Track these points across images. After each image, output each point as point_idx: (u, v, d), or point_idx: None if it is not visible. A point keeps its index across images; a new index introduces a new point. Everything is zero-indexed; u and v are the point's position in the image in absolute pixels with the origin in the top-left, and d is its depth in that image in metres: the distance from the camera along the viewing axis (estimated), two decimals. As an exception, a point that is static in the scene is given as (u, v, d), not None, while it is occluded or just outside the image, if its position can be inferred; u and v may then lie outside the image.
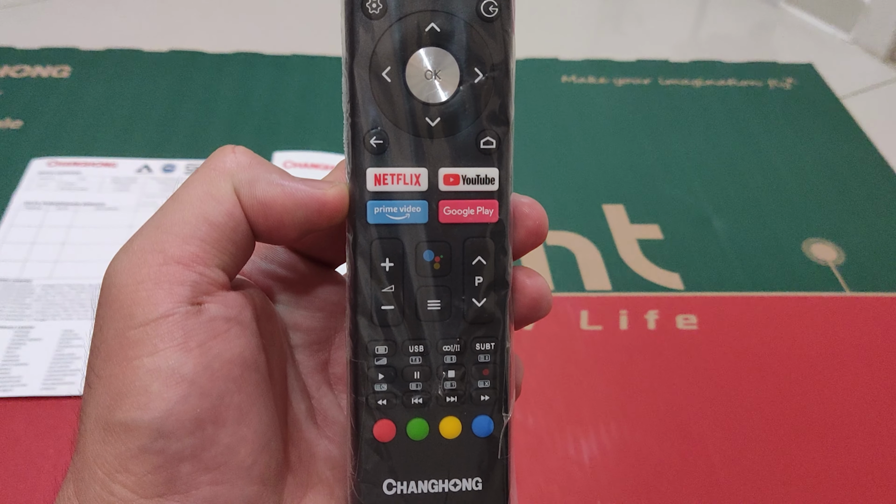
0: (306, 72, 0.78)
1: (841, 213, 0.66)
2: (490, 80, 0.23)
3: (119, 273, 0.22)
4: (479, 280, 0.24)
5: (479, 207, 0.24)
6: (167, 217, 0.22)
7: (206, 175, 0.23)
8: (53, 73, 0.74)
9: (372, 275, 0.23)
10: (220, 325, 0.21)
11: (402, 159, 0.23)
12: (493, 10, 0.23)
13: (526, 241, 0.25)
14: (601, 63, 0.83)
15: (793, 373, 0.53)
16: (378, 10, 0.22)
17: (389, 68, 0.23)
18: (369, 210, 0.23)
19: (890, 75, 1.03)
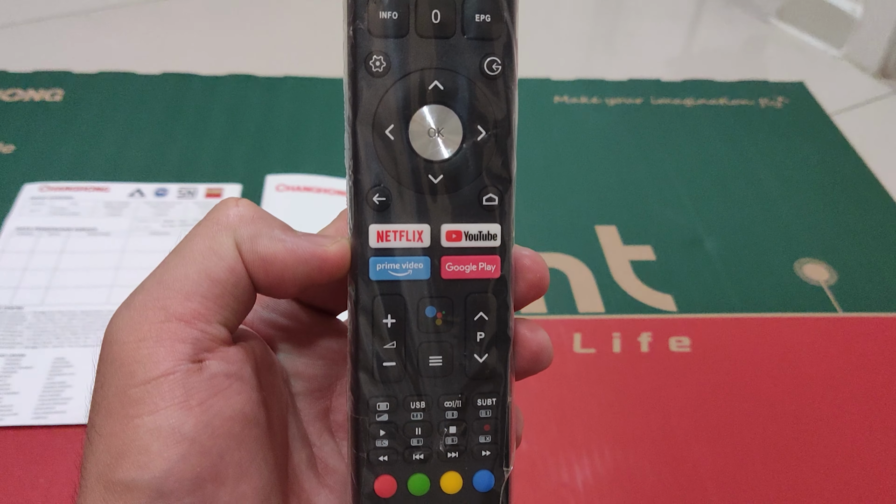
0: (299, 93, 0.78)
1: (833, 233, 0.66)
2: (492, 137, 0.23)
3: (120, 330, 0.21)
4: (480, 336, 0.24)
5: (482, 263, 0.24)
6: (169, 272, 0.22)
7: (209, 229, 0.23)
8: (46, 97, 0.74)
9: (374, 331, 0.23)
10: (220, 381, 0.22)
11: (405, 216, 0.23)
12: (496, 68, 0.23)
13: (527, 294, 0.25)
14: (593, 83, 0.83)
15: (786, 395, 0.53)
16: (381, 68, 0.22)
17: (392, 126, 0.23)
18: (371, 266, 0.23)
19: (881, 91, 1.04)
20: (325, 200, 0.64)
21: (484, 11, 0.22)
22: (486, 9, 0.22)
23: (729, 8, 1.21)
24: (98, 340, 0.52)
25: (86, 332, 0.53)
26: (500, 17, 0.23)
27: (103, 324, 0.53)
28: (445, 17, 0.22)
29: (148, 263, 0.57)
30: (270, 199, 0.64)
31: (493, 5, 0.23)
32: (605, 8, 1.22)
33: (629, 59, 1.05)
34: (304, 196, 0.64)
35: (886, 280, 0.62)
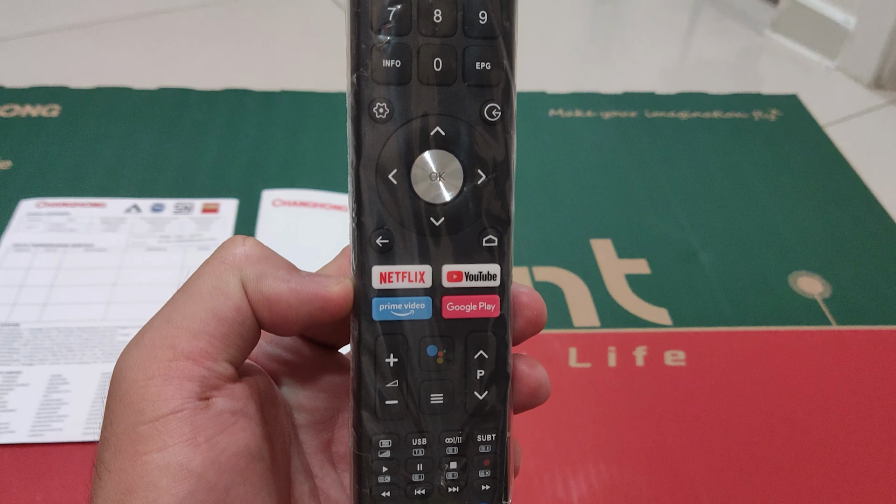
0: (295, 108, 0.78)
1: (827, 246, 0.67)
2: (492, 180, 0.24)
3: (130, 368, 0.22)
4: (480, 374, 0.25)
5: (482, 303, 0.24)
6: (177, 311, 0.23)
7: (216, 268, 0.23)
8: (43, 113, 0.74)
9: (376, 370, 0.24)
10: (226, 418, 0.22)
11: (407, 257, 0.24)
12: (496, 114, 0.23)
13: (525, 330, 0.25)
14: (588, 96, 0.83)
15: (781, 408, 0.53)
16: (385, 114, 0.23)
17: (395, 171, 0.23)
18: (374, 307, 0.24)
19: (875, 102, 1.05)
20: (321, 215, 0.64)
21: (484, 59, 0.23)
22: (487, 57, 0.23)
23: (723, 19, 1.22)
24: (94, 357, 0.52)
25: (82, 349, 0.53)
26: (500, 64, 0.23)
27: (100, 340, 0.54)
28: (447, 64, 0.23)
29: (144, 280, 0.58)
30: (267, 214, 0.64)
31: (492, 53, 0.23)
32: (600, 20, 1.22)
33: (624, 70, 1.06)
34: (300, 211, 0.64)
35: (880, 293, 0.62)
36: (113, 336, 0.54)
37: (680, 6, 1.25)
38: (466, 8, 0.23)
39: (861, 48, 1.08)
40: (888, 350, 0.58)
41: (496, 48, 0.23)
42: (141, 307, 0.56)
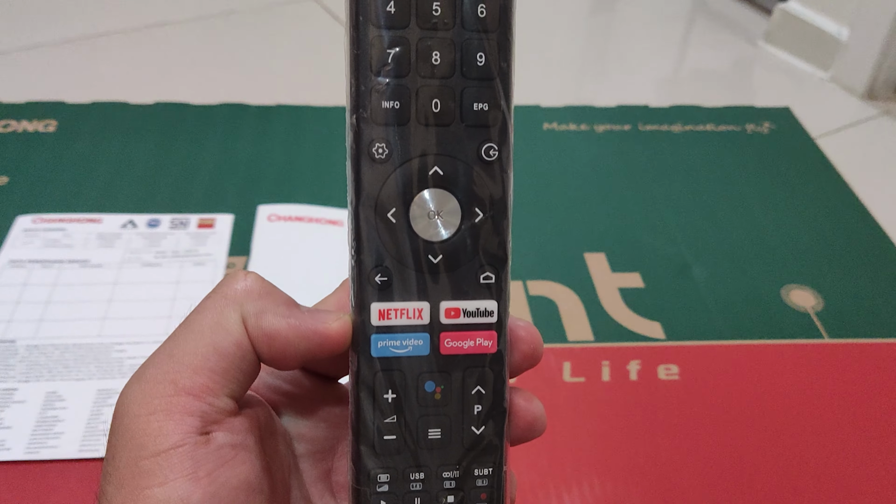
0: (291, 122, 0.79)
1: (819, 259, 0.67)
2: (489, 218, 0.24)
3: (132, 403, 0.22)
4: (478, 409, 0.25)
5: (479, 339, 0.25)
6: (179, 347, 0.23)
7: (217, 303, 0.24)
8: (40, 128, 0.75)
9: (375, 405, 0.24)
10: (226, 452, 0.23)
11: (406, 294, 0.24)
12: (493, 154, 0.24)
13: (521, 364, 0.26)
14: (582, 109, 0.84)
15: (774, 422, 0.54)
16: (384, 154, 0.23)
17: (394, 210, 0.24)
18: (373, 344, 0.24)
19: (868, 112, 1.05)
20: (316, 230, 0.65)
21: (482, 100, 0.23)
22: (484, 97, 0.23)
23: (717, 30, 1.22)
24: (89, 374, 0.53)
25: (77, 366, 0.53)
26: (497, 104, 0.24)
27: (95, 357, 0.54)
28: (445, 105, 0.23)
29: (140, 296, 0.58)
30: (262, 229, 0.64)
31: (490, 94, 0.23)
32: (594, 31, 1.23)
33: (619, 81, 1.06)
34: (295, 226, 0.65)
35: (872, 306, 0.63)
36: (108, 353, 0.54)
37: (674, 17, 1.25)
38: (464, 50, 0.23)
39: (854, 59, 1.08)
40: (880, 363, 0.58)
41: (493, 89, 0.23)
42: (136, 323, 0.56)
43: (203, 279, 0.60)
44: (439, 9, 0.23)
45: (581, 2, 1.29)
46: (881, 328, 0.61)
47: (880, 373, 0.58)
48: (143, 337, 0.55)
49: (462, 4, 0.23)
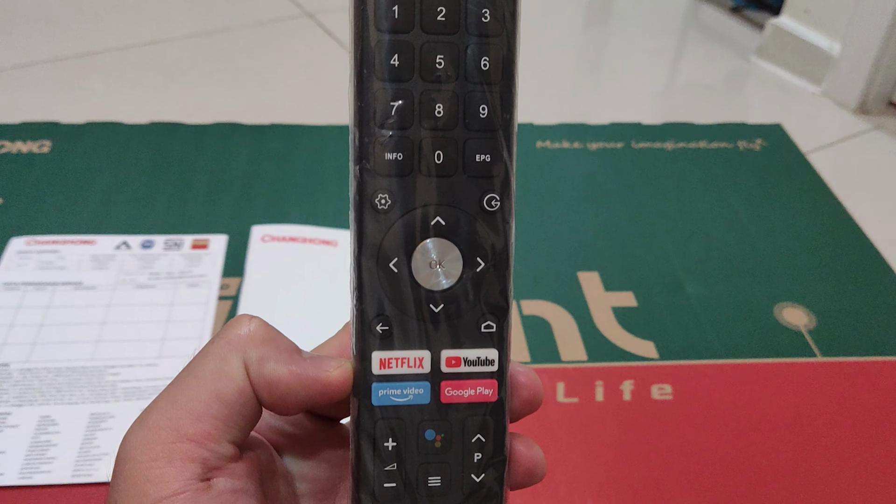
0: (285, 141, 0.79)
1: (811, 276, 0.67)
2: (490, 268, 0.24)
3: (134, 448, 0.23)
4: (478, 456, 0.25)
5: (480, 388, 0.25)
6: (182, 392, 0.23)
7: (220, 349, 0.24)
8: (34, 149, 0.75)
9: (375, 453, 0.24)
10: (227, 498, 0.23)
11: (407, 343, 0.24)
12: (496, 204, 0.24)
13: (521, 410, 0.26)
14: (575, 127, 0.84)
15: (768, 441, 0.54)
16: (386, 205, 0.23)
17: (396, 259, 0.24)
18: (374, 392, 0.24)
19: (861, 127, 1.06)
20: (310, 251, 0.65)
21: (484, 151, 0.24)
22: (487, 149, 0.24)
23: (709, 45, 1.23)
24: (83, 397, 0.53)
25: (70, 389, 0.53)
26: (500, 156, 0.24)
27: (88, 380, 0.54)
28: (448, 157, 0.24)
29: (133, 318, 0.58)
30: (256, 250, 0.64)
31: (493, 145, 0.24)
32: (587, 46, 1.23)
33: (612, 96, 1.07)
34: (289, 247, 0.65)
35: (864, 323, 0.63)
36: (101, 376, 0.54)
37: (666, 32, 1.26)
38: (467, 102, 0.23)
39: (846, 74, 1.09)
40: (872, 381, 0.58)
41: (496, 140, 0.24)
42: (130, 346, 0.56)
43: (197, 301, 0.60)
44: (442, 62, 0.23)
45: (574, 17, 1.29)
46: (873, 346, 0.61)
47: (873, 391, 0.58)
48: (136, 360, 0.56)
49: (465, 58, 0.23)
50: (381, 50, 0.23)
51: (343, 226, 0.68)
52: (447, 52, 0.23)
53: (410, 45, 0.23)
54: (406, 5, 0.23)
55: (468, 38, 0.23)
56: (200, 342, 0.57)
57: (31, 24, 1.07)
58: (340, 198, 0.71)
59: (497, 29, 0.23)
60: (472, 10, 0.23)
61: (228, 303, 0.60)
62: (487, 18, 0.23)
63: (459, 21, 0.23)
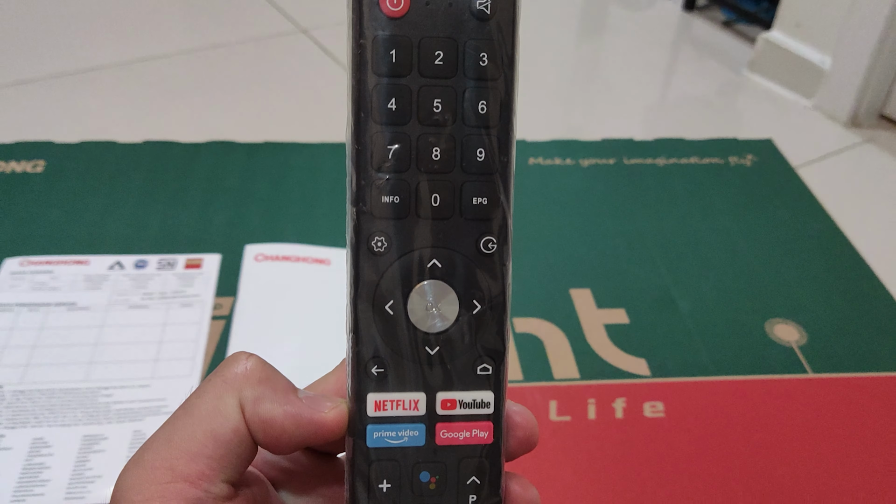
0: (278, 159, 0.79)
1: (802, 292, 0.68)
2: (487, 310, 0.24)
3: (129, 488, 0.23)
4: (473, 499, 0.25)
5: (475, 430, 0.25)
6: (177, 432, 0.24)
7: (216, 388, 0.24)
8: (28, 169, 0.75)
9: (369, 494, 0.24)
10: None
11: (402, 385, 0.24)
12: (492, 247, 0.24)
13: (517, 450, 0.26)
14: (567, 143, 0.85)
15: (760, 458, 0.54)
16: (383, 248, 0.23)
17: (392, 302, 0.24)
18: (369, 434, 0.24)
19: (852, 140, 1.06)
20: (303, 269, 0.65)
21: (481, 195, 0.24)
22: (484, 192, 0.24)
23: (702, 59, 1.24)
24: (75, 419, 0.53)
25: (63, 411, 0.53)
26: (496, 199, 0.24)
27: (81, 402, 0.54)
28: (444, 200, 0.24)
29: (126, 338, 0.58)
30: (250, 269, 0.65)
31: (489, 188, 0.24)
32: (580, 60, 1.24)
33: (604, 110, 1.08)
34: (283, 266, 0.65)
35: (855, 339, 0.63)
36: (94, 397, 0.54)
37: (659, 45, 1.27)
38: (464, 145, 0.23)
39: (837, 88, 1.10)
40: (863, 397, 0.59)
41: (493, 183, 0.24)
42: (123, 367, 0.57)
43: (190, 321, 0.61)
44: (440, 106, 0.23)
45: (568, 31, 1.30)
46: (864, 362, 0.61)
47: (864, 407, 0.58)
48: (129, 381, 0.56)
49: (463, 102, 0.23)
50: (379, 94, 0.23)
51: (336, 244, 0.68)
52: (444, 95, 0.23)
53: (408, 89, 0.23)
54: (403, 49, 0.23)
55: (466, 82, 0.23)
56: (194, 363, 0.57)
57: (25, 43, 1.07)
58: (334, 216, 0.72)
59: (495, 73, 0.23)
60: (470, 54, 0.23)
61: (221, 322, 0.61)
62: (485, 62, 0.23)
63: (457, 65, 0.23)
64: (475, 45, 0.23)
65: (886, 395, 0.59)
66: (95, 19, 1.15)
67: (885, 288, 0.69)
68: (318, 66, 1.10)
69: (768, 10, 1.25)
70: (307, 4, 1.26)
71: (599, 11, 1.39)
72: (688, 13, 1.36)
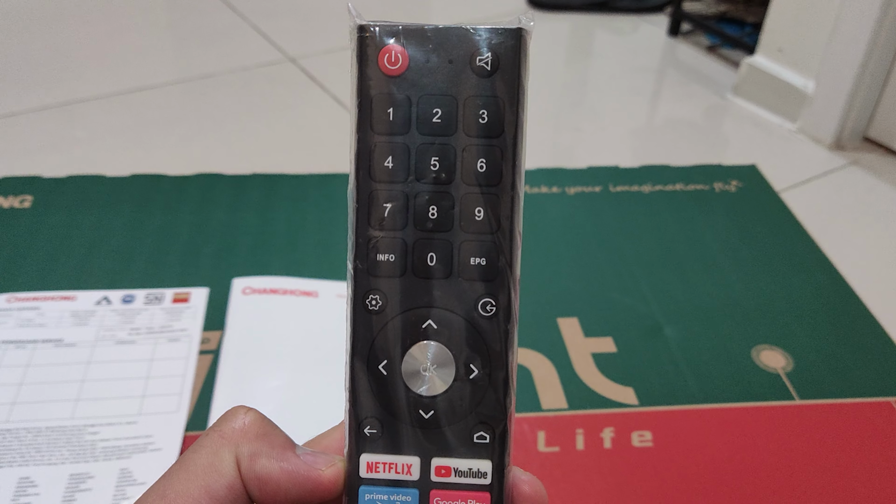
0: (265, 190, 0.79)
1: (788, 318, 0.68)
2: (486, 376, 0.23)
3: None
4: None
5: (471, 500, 0.24)
6: (172, 487, 0.23)
7: (213, 443, 0.24)
8: (15, 204, 0.75)
9: None
10: None
11: (395, 448, 0.24)
12: (491, 309, 0.23)
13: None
14: (553, 172, 0.85)
15: (747, 486, 0.54)
16: (378, 306, 0.23)
17: (386, 362, 0.23)
18: (361, 495, 0.24)
19: (837, 163, 1.07)
20: (291, 303, 0.65)
21: (479, 255, 0.23)
22: (482, 252, 0.23)
23: (686, 84, 1.25)
24: (62, 458, 0.52)
25: (50, 450, 0.53)
26: (496, 259, 0.23)
27: (68, 440, 0.54)
28: (441, 259, 0.23)
29: (113, 374, 0.58)
30: (237, 302, 0.65)
31: (488, 249, 0.23)
32: (567, 86, 1.25)
33: (591, 135, 1.08)
34: (270, 299, 0.65)
35: (841, 365, 0.64)
36: (81, 435, 0.54)
37: (644, 70, 1.28)
38: (463, 204, 0.23)
39: (820, 111, 1.11)
40: (850, 423, 0.59)
41: (493, 244, 0.23)
42: (109, 404, 0.56)
43: (178, 356, 0.60)
44: (437, 164, 0.23)
45: (554, 56, 1.31)
46: (850, 388, 0.62)
47: (851, 433, 0.58)
48: (116, 418, 0.55)
49: (462, 159, 0.23)
50: (377, 152, 0.23)
51: (324, 276, 0.68)
52: (443, 154, 0.23)
53: (405, 148, 0.23)
54: (401, 108, 0.23)
55: (465, 140, 0.23)
56: (181, 398, 0.57)
57: (11, 75, 1.07)
58: (321, 248, 0.72)
59: (495, 130, 0.23)
60: (470, 111, 0.23)
61: (209, 357, 0.61)
62: (485, 119, 0.23)
63: (457, 122, 0.23)
64: (475, 102, 0.23)
65: (873, 420, 0.59)
66: (82, 51, 1.16)
67: (870, 312, 0.69)
68: (306, 94, 1.10)
69: (751, 34, 1.27)
70: (295, 33, 1.27)
71: (585, 37, 1.41)
72: (672, 38, 1.38)
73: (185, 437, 0.55)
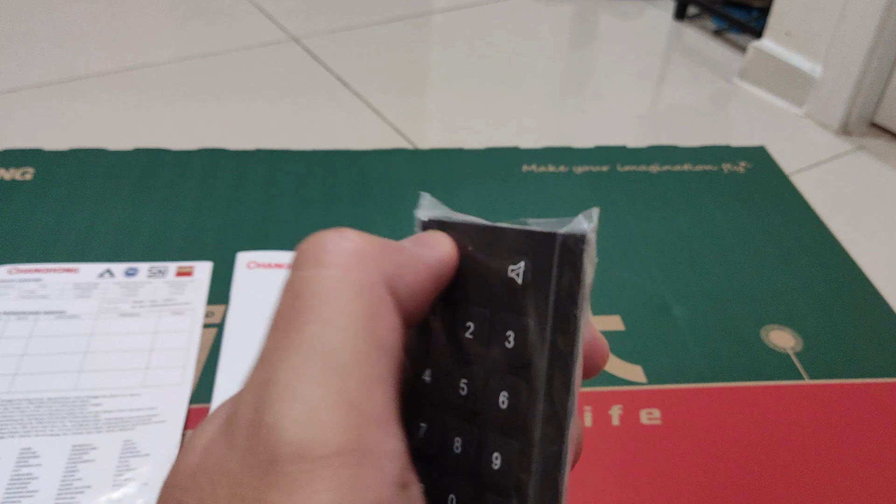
0: (269, 166, 0.79)
1: (797, 298, 0.67)
2: None
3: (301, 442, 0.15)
4: None
5: None
6: (335, 353, 0.15)
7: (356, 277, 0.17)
8: (17, 176, 0.74)
9: None
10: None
11: None
12: None
13: None
14: (560, 151, 0.84)
15: (756, 465, 0.54)
16: None
17: None
18: None
19: (843, 147, 1.07)
20: (295, 277, 0.64)
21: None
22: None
23: (693, 67, 1.24)
24: (64, 429, 0.52)
25: (52, 421, 0.52)
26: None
27: (70, 411, 0.53)
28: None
29: (116, 346, 0.58)
30: (241, 276, 0.64)
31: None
32: (572, 68, 1.24)
33: (597, 118, 1.08)
34: (275, 273, 0.64)
35: (850, 345, 0.63)
36: (84, 406, 0.53)
37: (650, 54, 1.27)
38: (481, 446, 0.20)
39: (827, 96, 1.10)
40: (860, 403, 0.58)
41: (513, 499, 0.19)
42: (112, 375, 0.56)
43: (181, 329, 0.60)
44: (465, 388, 0.20)
45: (560, 40, 1.30)
46: (860, 368, 0.61)
47: (860, 413, 0.58)
48: (119, 390, 0.55)
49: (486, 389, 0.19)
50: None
51: (329, 251, 0.67)
52: (471, 378, 0.19)
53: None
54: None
55: (491, 364, 0.18)
56: (185, 371, 0.57)
57: (14, 51, 1.06)
58: (325, 223, 0.71)
59: (521, 357, 0.18)
60: (497, 331, 0.18)
61: (213, 330, 0.60)
62: (511, 344, 0.18)
63: (489, 341, 0.19)
64: (503, 321, 0.19)
65: (883, 401, 0.59)
66: (85, 27, 1.15)
67: (880, 293, 0.69)
68: (309, 74, 1.09)
69: (759, 19, 1.26)
70: (298, 13, 1.25)
71: (591, 20, 1.40)
72: (679, 22, 1.37)
73: (189, 409, 0.54)
